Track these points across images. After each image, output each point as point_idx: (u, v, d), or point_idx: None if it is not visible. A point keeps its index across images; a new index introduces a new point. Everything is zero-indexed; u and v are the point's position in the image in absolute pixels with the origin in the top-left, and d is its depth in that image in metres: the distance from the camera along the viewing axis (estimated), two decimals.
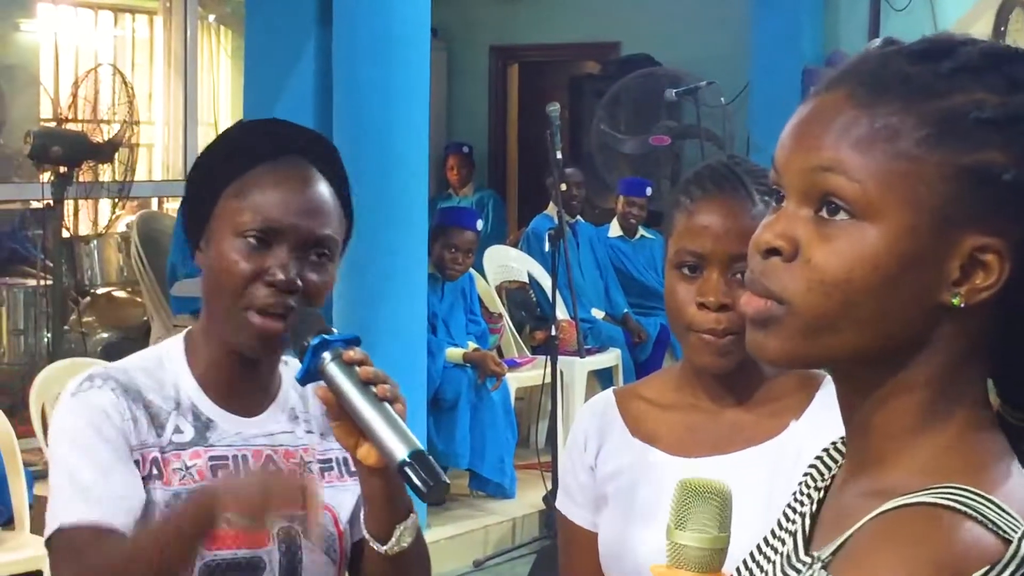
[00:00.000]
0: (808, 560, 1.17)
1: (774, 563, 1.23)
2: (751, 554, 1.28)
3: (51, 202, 7.21)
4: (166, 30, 9.68)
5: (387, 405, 1.74)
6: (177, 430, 1.91)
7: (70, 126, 8.02)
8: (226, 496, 1.75)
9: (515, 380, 7.27)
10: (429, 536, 7.06)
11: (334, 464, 2.00)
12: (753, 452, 2.09)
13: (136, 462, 1.87)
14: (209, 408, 1.94)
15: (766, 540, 1.27)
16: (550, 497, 6.46)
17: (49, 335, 7.35)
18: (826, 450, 1.29)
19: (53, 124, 8.42)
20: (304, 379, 1.79)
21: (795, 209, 1.18)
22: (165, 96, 9.66)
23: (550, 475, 6.52)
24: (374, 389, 1.74)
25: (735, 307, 2.03)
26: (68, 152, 7.01)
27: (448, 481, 1.70)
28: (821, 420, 2.08)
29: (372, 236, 6.11)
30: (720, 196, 2.08)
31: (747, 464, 2.06)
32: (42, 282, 7.54)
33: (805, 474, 1.30)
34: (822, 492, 1.26)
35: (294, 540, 1.92)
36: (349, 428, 1.77)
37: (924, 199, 1.13)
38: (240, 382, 1.95)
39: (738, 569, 1.28)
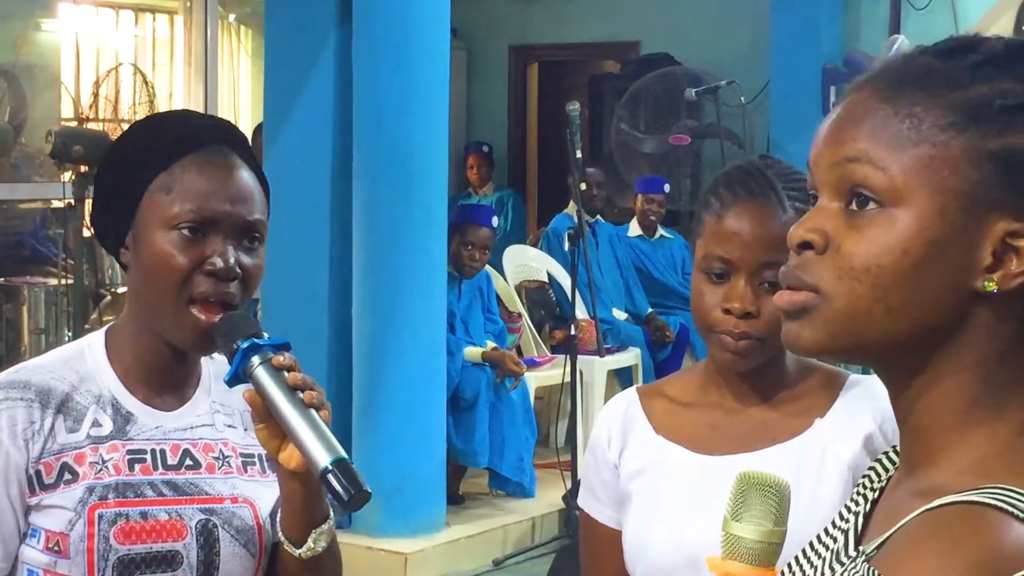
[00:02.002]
0: (854, 555, 1.17)
1: (824, 559, 1.23)
2: (803, 551, 1.28)
3: (72, 201, 7.23)
4: (186, 29, 9.71)
5: (313, 412, 1.74)
6: (96, 423, 1.90)
7: (91, 125, 8.06)
8: None
9: (535, 379, 7.27)
10: (448, 535, 7.07)
11: (256, 459, 1.99)
12: (777, 450, 2.09)
13: (37, 473, 1.86)
14: (129, 402, 1.93)
15: (819, 538, 1.28)
16: (570, 496, 6.47)
17: (70, 334, 7.36)
18: (885, 453, 1.30)
19: (74, 123, 8.46)
20: (232, 381, 1.79)
21: (827, 204, 1.20)
22: (185, 95, 9.69)
23: (570, 474, 6.52)
24: (301, 395, 1.75)
25: (759, 315, 2.04)
26: (89, 151, 7.02)
27: (370, 491, 1.70)
28: (845, 418, 2.09)
29: (392, 235, 6.13)
30: (750, 201, 2.08)
31: (771, 462, 2.06)
32: (63, 281, 7.55)
33: (864, 476, 1.30)
34: (877, 493, 1.26)
35: (212, 533, 1.92)
36: (273, 431, 1.78)
37: (951, 183, 1.14)
38: (163, 376, 1.95)
39: (789, 565, 1.28)
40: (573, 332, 6.58)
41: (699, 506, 2.08)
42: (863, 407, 2.09)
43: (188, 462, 1.94)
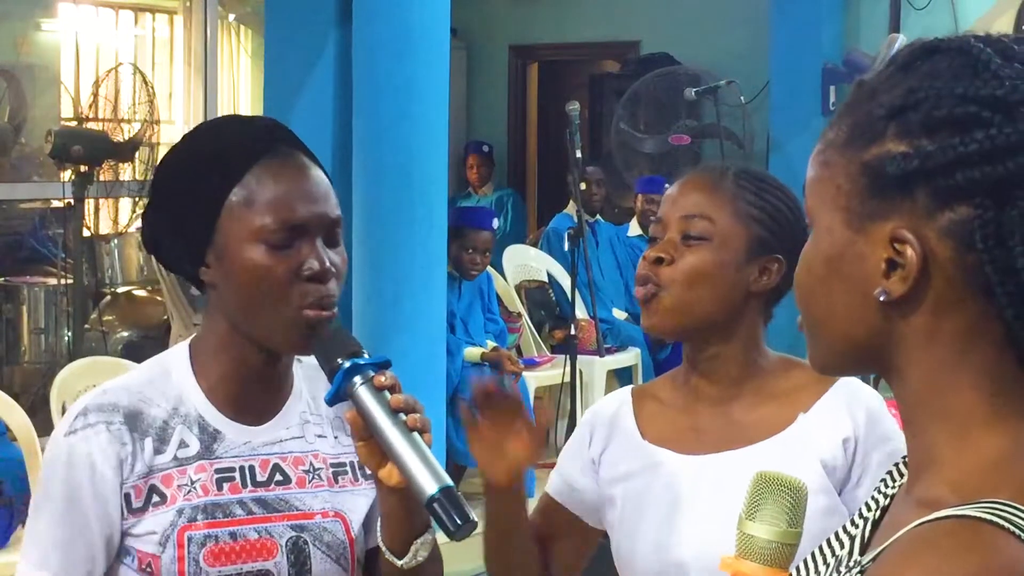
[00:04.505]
0: (852, 565, 1.17)
1: (829, 564, 1.24)
2: (812, 554, 1.28)
3: (72, 201, 7.24)
4: (186, 29, 9.71)
5: (416, 436, 1.72)
6: (182, 444, 1.88)
7: (91, 125, 8.06)
8: None
9: (534, 379, 7.27)
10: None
11: (348, 467, 1.97)
12: (762, 446, 2.10)
13: (126, 496, 1.85)
14: (216, 419, 1.91)
15: (828, 542, 1.28)
16: None
17: (70, 334, 7.37)
18: (904, 457, 1.29)
19: (74, 123, 8.45)
20: (332, 400, 1.77)
21: None
22: (185, 95, 9.69)
23: None
24: (404, 418, 1.73)
25: (673, 263, 2.07)
26: (89, 151, 7.04)
27: (477, 520, 1.69)
28: (828, 416, 2.09)
29: (392, 235, 6.12)
30: (695, 173, 2.17)
31: (757, 458, 2.06)
32: (63, 281, 7.56)
33: (881, 480, 1.30)
34: (888, 499, 1.26)
35: (302, 550, 1.90)
36: (373, 449, 1.76)
37: (837, 199, 1.18)
38: (251, 391, 1.92)
39: (797, 568, 1.28)
40: (573, 332, 6.58)
41: (684, 506, 2.08)
42: (845, 409, 2.09)
43: (278, 477, 1.92)
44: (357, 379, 1.75)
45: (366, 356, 1.77)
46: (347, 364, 1.75)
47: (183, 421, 1.89)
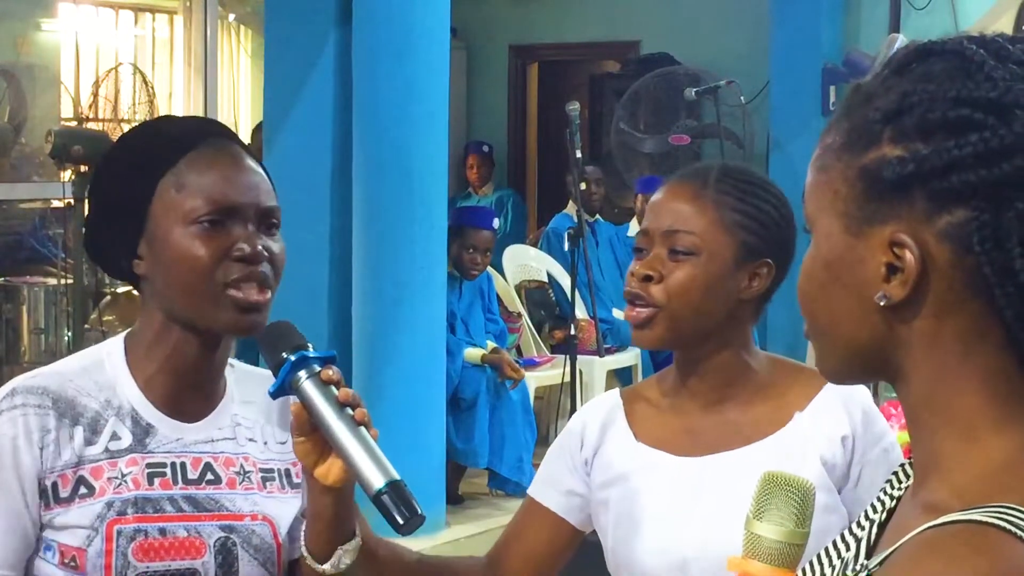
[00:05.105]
0: (857, 569, 1.17)
1: (835, 566, 1.23)
2: (818, 555, 1.28)
3: (72, 201, 7.23)
4: (186, 29, 9.71)
5: (363, 430, 1.72)
6: (114, 436, 1.86)
7: (91, 125, 8.07)
8: None
9: (534, 379, 7.27)
10: (448, 535, 7.05)
11: (276, 475, 1.95)
12: (761, 445, 2.09)
13: (53, 485, 1.82)
14: (150, 413, 1.89)
15: (835, 543, 1.27)
16: None
17: (70, 334, 7.36)
18: (910, 459, 1.29)
19: (74, 123, 8.46)
20: (277, 393, 1.77)
21: None
22: (185, 95, 9.69)
23: None
24: (350, 412, 1.73)
25: (661, 281, 2.06)
26: (89, 151, 7.02)
27: (424, 514, 1.68)
28: (825, 415, 2.08)
29: (392, 235, 6.13)
30: (678, 180, 2.14)
31: (757, 457, 2.06)
32: (63, 281, 7.55)
33: (887, 481, 1.30)
34: (894, 501, 1.25)
35: (230, 551, 1.88)
36: (312, 445, 1.76)
37: (835, 204, 1.18)
38: (185, 387, 1.90)
39: (803, 570, 1.28)
40: (573, 332, 6.58)
41: (683, 509, 2.07)
42: (842, 407, 2.09)
43: (209, 476, 1.90)
44: (302, 373, 1.74)
45: (311, 350, 1.76)
46: (293, 357, 1.74)
47: (116, 413, 1.87)
